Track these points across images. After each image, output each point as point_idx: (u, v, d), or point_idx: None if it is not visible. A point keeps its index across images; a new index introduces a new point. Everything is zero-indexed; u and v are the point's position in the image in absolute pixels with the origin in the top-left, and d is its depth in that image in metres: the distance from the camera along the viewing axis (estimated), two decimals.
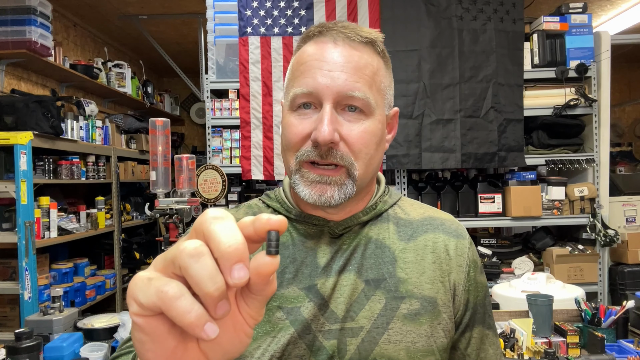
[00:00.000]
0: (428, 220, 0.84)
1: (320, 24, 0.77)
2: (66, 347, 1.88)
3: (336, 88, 0.71)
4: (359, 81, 0.72)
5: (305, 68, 0.74)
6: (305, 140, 0.73)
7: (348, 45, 0.74)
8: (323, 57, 0.73)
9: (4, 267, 2.98)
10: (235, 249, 0.35)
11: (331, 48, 0.74)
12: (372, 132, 0.74)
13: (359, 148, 0.73)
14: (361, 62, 0.74)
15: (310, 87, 0.72)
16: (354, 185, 0.73)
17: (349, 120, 0.73)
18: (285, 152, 0.77)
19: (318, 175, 0.72)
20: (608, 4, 4.56)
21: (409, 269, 0.77)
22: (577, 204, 3.34)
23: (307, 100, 0.73)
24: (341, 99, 0.72)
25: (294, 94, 0.74)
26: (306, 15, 3.29)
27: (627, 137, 6.69)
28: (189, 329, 0.35)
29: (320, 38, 0.75)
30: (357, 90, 0.72)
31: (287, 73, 0.80)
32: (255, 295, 0.39)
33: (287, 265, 0.76)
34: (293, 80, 0.76)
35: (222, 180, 2.93)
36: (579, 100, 3.32)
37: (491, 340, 0.83)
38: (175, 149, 6.38)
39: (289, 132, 0.75)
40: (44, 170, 3.29)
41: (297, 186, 0.74)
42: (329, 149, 0.71)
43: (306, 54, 0.76)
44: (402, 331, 0.73)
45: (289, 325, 0.72)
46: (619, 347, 1.78)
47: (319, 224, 0.78)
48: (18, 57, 3.41)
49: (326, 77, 0.72)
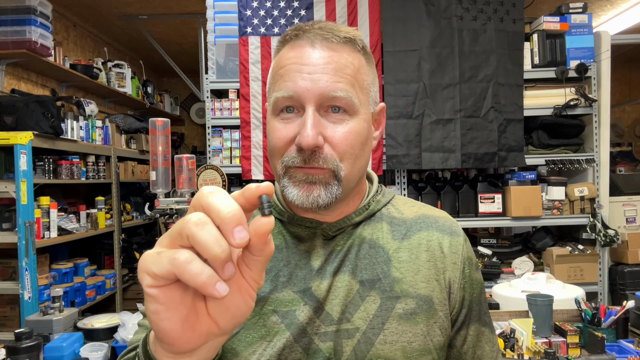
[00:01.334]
0: (422, 218, 0.83)
1: (296, 26, 0.76)
2: (66, 347, 1.88)
3: (317, 90, 0.70)
4: (340, 81, 0.71)
5: (285, 72, 0.73)
6: (290, 145, 0.73)
7: (326, 47, 0.73)
8: (302, 60, 0.72)
9: (4, 267, 2.98)
10: (234, 215, 0.40)
11: (309, 50, 0.73)
12: (357, 132, 0.73)
13: (344, 149, 0.72)
14: (341, 61, 0.73)
15: (291, 90, 0.71)
16: (339, 186, 0.73)
17: (333, 122, 0.72)
18: (271, 158, 0.77)
19: (304, 174, 0.72)
20: (608, 4, 4.56)
21: (404, 268, 0.77)
22: (577, 204, 3.34)
23: (289, 104, 0.73)
24: (323, 100, 0.71)
25: (275, 98, 0.73)
26: (306, 15, 3.29)
27: (627, 137, 6.69)
28: (202, 288, 0.39)
29: (297, 41, 0.74)
30: (339, 91, 0.71)
31: (268, 78, 0.79)
32: (257, 257, 0.43)
33: (280, 269, 0.75)
34: (274, 84, 0.75)
35: (222, 180, 2.93)
36: (579, 100, 3.32)
37: (487, 338, 0.83)
38: (175, 149, 6.38)
39: (273, 137, 0.74)
40: (44, 170, 3.29)
41: (286, 189, 0.73)
42: (313, 152, 0.71)
43: (285, 57, 0.75)
44: (398, 331, 0.73)
45: (285, 329, 0.72)
46: (619, 347, 1.78)
47: (311, 226, 0.78)
48: (18, 57, 3.41)
49: (306, 80, 0.71)
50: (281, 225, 0.80)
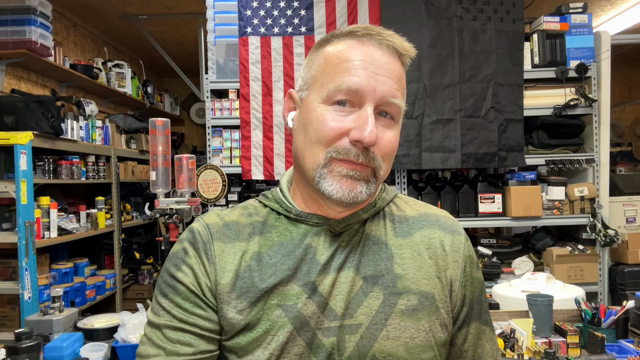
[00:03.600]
0: (423, 216, 0.84)
1: (364, 26, 0.78)
2: (66, 347, 1.88)
3: (381, 92, 0.73)
4: (399, 89, 0.76)
5: (352, 65, 0.74)
6: (342, 137, 0.73)
7: (391, 53, 0.77)
8: (372, 58, 0.74)
9: (4, 267, 2.98)
10: None
11: (377, 52, 0.75)
12: (397, 138, 0.78)
13: (388, 152, 0.76)
14: (400, 71, 0.78)
15: (357, 85, 0.73)
16: (375, 185, 0.77)
17: (383, 125, 0.75)
18: (313, 145, 0.75)
19: (351, 170, 0.73)
20: (608, 4, 4.56)
21: (406, 265, 0.78)
22: (577, 204, 3.34)
23: (347, 98, 0.74)
24: (382, 103, 0.74)
25: (336, 88, 0.73)
26: (306, 15, 3.29)
27: (627, 137, 6.69)
28: None
29: (363, 38, 0.76)
30: (397, 98, 0.75)
31: (320, 63, 0.78)
32: None
33: (286, 264, 0.76)
34: (332, 73, 0.75)
35: (222, 180, 2.93)
36: (579, 100, 3.32)
37: (488, 336, 0.84)
38: (175, 149, 6.38)
39: (325, 125, 0.74)
40: (44, 170, 3.29)
41: (323, 180, 0.74)
42: (366, 149, 0.73)
43: (350, 49, 0.75)
44: (401, 327, 0.73)
45: (287, 322, 0.72)
46: (619, 347, 1.78)
47: (319, 222, 0.79)
48: (18, 57, 3.41)
49: (373, 79, 0.73)
50: (286, 221, 0.80)
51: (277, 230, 0.79)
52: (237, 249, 0.78)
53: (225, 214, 0.84)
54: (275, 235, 0.79)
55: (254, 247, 0.78)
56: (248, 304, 0.73)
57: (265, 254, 0.77)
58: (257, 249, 0.78)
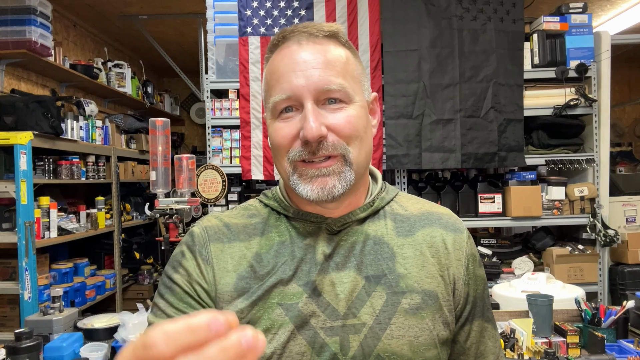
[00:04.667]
0: (425, 215, 0.85)
1: (281, 31, 0.79)
2: (66, 347, 1.88)
3: (313, 85, 0.73)
4: (332, 74, 0.74)
5: (279, 75, 0.75)
6: (294, 141, 0.75)
7: (312, 42, 0.76)
8: (292, 60, 0.75)
9: (4, 267, 2.98)
10: None
11: (298, 49, 0.75)
12: (357, 115, 0.76)
13: (349, 133, 0.75)
14: (329, 55, 0.75)
15: (287, 91, 0.74)
16: (351, 171, 0.75)
17: (332, 111, 0.75)
18: (277, 159, 0.78)
19: (316, 170, 0.74)
20: (608, 4, 4.56)
21: (409, 264, 0.78)
22: (577, 204, 3.34)
23: (288, 104, 0.75)
24: (320, 94, 0.74)
25: (274, 102, 0.75)
26: (306, 15, 3.28)
27: (627, 137, 6.69)
28: None
29: (284, 44, 0.77)
30: (332, 83, 0.73)
31: (263, 86, 0.82)
32: None
33: (286, 263, 0.76)
34: (270, 90, 0.78)
35: (222, 180, 2.93)
36: (579, 100, 3.32)
37: (490, 333, 0.84)
38: (175, 149, 6.38)
39: (277, 136, 0.76)
40: (44, 170, 3.29)
41: (297, 186, 0.75)
42: (319, 143, 0.73)
43: (276, 61, 0.77)
44: (405, 326, 0.74)
45: (288, 321, 0.73)
46: (619, 347, 1.78)
47: (316, 221, 0.79)
48: (18, 57, 3.41)
49: (300, 77, 0.73)
50: (286, 221, 0.81)
51: (277, 230, 0.80)
52: (238, 249, 0.78)
53: (225, 215, 0.85)
54: (276, 235, 0.80)
55: (254, 247, 0.79)
56: (249, 303, 0.74)
57: (266, 254, 0.78)
58: (257, 249, 0.78)
